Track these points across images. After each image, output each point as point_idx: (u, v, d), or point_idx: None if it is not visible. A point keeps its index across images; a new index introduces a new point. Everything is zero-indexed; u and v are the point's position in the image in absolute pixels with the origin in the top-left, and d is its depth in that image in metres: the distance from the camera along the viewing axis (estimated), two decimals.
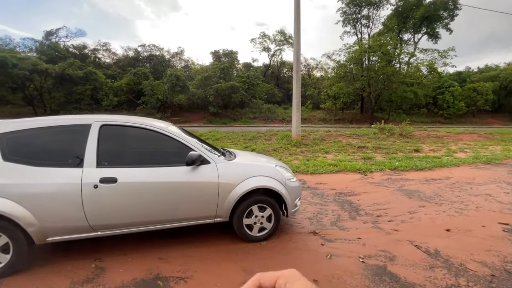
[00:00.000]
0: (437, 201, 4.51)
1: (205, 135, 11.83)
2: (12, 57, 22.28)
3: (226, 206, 2.90)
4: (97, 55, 35.76)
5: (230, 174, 2.92)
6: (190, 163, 2.68)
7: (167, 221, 2.79)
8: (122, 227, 2.67)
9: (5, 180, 2.34)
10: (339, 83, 25.00)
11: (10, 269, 2.39)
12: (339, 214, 3.91)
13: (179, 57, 36.80)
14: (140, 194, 2.63)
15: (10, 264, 2.38)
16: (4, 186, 2.32)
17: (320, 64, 34.73)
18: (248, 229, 3.05)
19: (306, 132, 13.15)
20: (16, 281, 2.33)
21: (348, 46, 24.89)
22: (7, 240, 2.35)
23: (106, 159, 2.62)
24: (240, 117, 25.44)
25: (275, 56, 35.64)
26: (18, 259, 2.40)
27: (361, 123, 24.19)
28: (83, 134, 2.62)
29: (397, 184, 5.55)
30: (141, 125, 2.80)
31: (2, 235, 2.34)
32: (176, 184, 2.72)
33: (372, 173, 6.54)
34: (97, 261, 2.66)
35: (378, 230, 3.40)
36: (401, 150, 9.66)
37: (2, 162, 2.37)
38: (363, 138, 12.09)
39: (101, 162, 2.59)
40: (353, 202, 4.44)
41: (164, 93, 23.63)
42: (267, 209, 3.07)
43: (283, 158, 8.10)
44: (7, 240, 2.35)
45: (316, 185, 5.46)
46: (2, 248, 2.36)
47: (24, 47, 33.67)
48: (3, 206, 2.28)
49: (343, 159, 7.89)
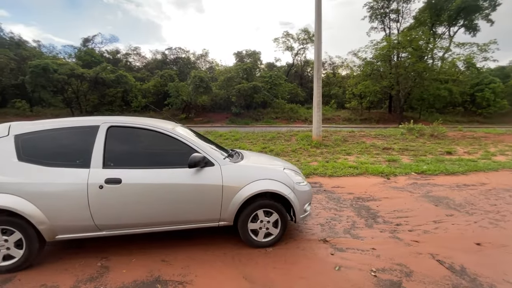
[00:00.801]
0: (468, 210, 4.06)
1: (224, 135, 11.90)
2: (53, 63, 24.25)
3: (230, 209, 2.82)
4: (128, 59, 37.77)
5: (235, 177, 2.84)
6: (192, 165, 2.64)
7: (171, 223, 2.78)
8: (127, 228, 2.70)
9: (19, 179, 2.46)
10: (365, 81, 23.96)
11: (23, 264, 2.52)
12: (354, 221, 3.67)
13: (204, 59, 37.66)
14: (144, 196, 2.64)
15: (24, 259, 2.51)
16: (18, 185, 2.44)
17: (346, 62, 33.65)
18: (253, 234, 2.95)
19: (328, 132, 12.72)
20: (27, 276, 2.44)
21: (375, 42, 23.79)
22: (21, 236, 2.47)
23: (112, 160, 2.67)
24: (262, 117, 25.40)
25: (298, 55, 35.15)
26: (30, 255, 2.52)
27: (389, 123, 22.97)
28: (91, 135, 2.69)
29: (423, 189, 5.11)
30: (147, 126, 2.82)
31: (16, 232, 2.46)
32: (179, 186, 2.69)
33: (396, 177, 6.10)
34: (104, 260, 2.72)
35: (396, 240, 3.12)
36: (431, 152, 8.96)
37: (17, 162, 2.50)
38: (389, 139, 11.41)
39: (107, 163, 2.64)
40: (372, 208, 4.15)
41: (189, 94, 24.28)
42: (274, 214, 2.95)
43: (302, 160, 7.88)
44: (20, 236, 2.47)
45: (333, 189, 5.20)
46: (16, 244, 2.48)
47: (64, 54, 36.64)
48: (18, 205, 2.40)
49: (365, 161, 7.48)
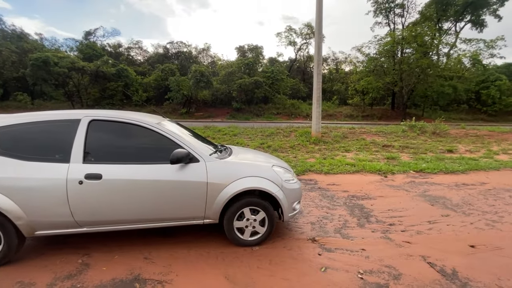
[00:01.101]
0: (465, 211, 3.95)
1: (223, 131, 11.81)
2: (53, 56, 24.16)
3: (215, 207, 2.74)
4: (130, 53, 37.61)
5: (220, 174, 2.75)
6: (175, 161, 2.55)
7: (153, 220, 2.70)
8: (108, 225, 2.63)
9: None
10: (368, 77, 23.64)
11: (2, 260, 2.46)
12: (346, 220, 3.57)
13: (206, 53, 37.39)
14: (125, 192, 2.56)
15: (2, 255, 2.45)
16: None
17: (349, 58, 33.20)
18: (239, 232, 2.87)
19: (328, 128, 12.58)
20: (3, 272, 2.39)
21: (379, 37, 23.39)
22: None
23: (93, 155, 2.59)
24: (263, 113, 25.25)
25: (301, 51, 34.78)
26: (9, 251, 2.46)
27: (391, 120, 22.71)
28: (72, 129, 2.61)
29: (420, 188, 4.99)
30: (130, 120, 2.72)
31: None
32: (162, 182, 2.61)
33: (393, 175, 5.99)
34: (85, 257, 2.66)
35: (387, 241, 3.03)
36: (432, 150, 8.80)
37: None
38: (389, 136, 11.25)
39: (88, 158, 2.56)
40: (365, 207, 4.05)
41: (189, 89, 24.14)
42: (260, 212, 2.86)
43: (299, 156, 7.78)
44: None
45: (328, 186, 5.11)
46: None
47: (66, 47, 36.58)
48: None
49: (363, 159, 7.36)
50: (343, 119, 23.92)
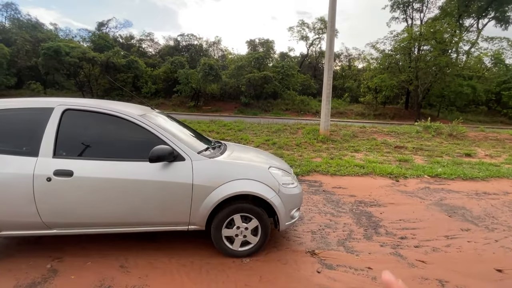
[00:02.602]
0: (488, 225, 3.49)
1: (228, 125, 11.49)
2: (65, 45, 24.31)
3: (201, 212, 2.41)
4: (142, 45, 37.61)
5: (208, 175, 2.41)
6: (154, 159, 2.22)
7: (131, 224, 2.40)
8: (80, 227, 2.34)
9: None
10: (381, 75, 22.75)
11: None
12: (351, 230, 3.19)
13: (216, 46, 37.00)
14: (99, 192, 2.26)
15: None
16: None
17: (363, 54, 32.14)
18: (228, 241, 2.54)
19: (337, 127, 12.08)
20: None
21: (396, 33, 22.42)
22: None
23: (65, 148, 2.30)
24: (271, 108, 24.77)
25: (313, 46, 33.91)
26: None
27: (404, 120, 21.86)
28: (43, 119, 2.32)
29: (436, 196, 4.54)
30: (108, 111, 2.41)
31: None
32: (140, 182, 2.30)
33: (406, 179, 5.52)
34: (56, 261, 2.40)
35: (398, 258, 2.64)
36: (448, 154, 8.22)
37: None
38: (402, 136, 10.66)
39: (59, 152, 2.27)
40: (374, 216, 3.65)
41: (198, 82, 23.88)
42: (253, 220, 2.52)
43: (305, 155, 7.38)
44: None
45: (334, 189, 4.71)
46: None
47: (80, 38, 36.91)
48: None
49: (373, 160, 6.90)
50: (354, 118, 23.19)
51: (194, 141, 2.87)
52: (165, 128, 2.54)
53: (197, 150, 2.56)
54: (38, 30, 31.13)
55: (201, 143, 2.88)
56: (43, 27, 34.02)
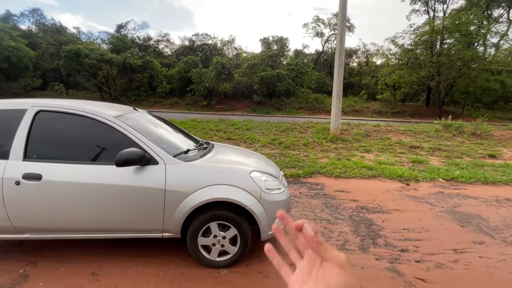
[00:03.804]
0: (506, 237, 3.09)
1: (237, 125, 11.35)
2: (85, 48, 25.28)
3: (175, 219, 2.27)
4: (159, 45, 38.42)
5: (182, 180, 2.26)
6: (121, 163, 2.10)
7: (103, 231, 2.30)
8: (51, 232, 2.27)
9: None
10: (400, 71, 21.69)
11: None
12: (346, 240, 2.93)
13: (230, 45, 37.07)
14: (68, 197, 2.18)
15: None
16: None
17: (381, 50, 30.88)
18: (205, 250, 2.38)
19: (349, 125, 11.61)
20: None
21: (416, 27, 21.27)
22: None
23: (36, 151, 2.23)
24: (284, 107, 24.42)
25: (328, 42, 33.08)
26: None
27: (425, 118, 20.74)
28: (15, 120, 2.26)
29: (449, 202, 4.13)
30: (81, 112, 2.32)
31: None
32: (111, 187, 2.19)
33: (417, 182, 5.11)
34: (30, 266, 2.34)
35: (393, 275, 2.36)
36: (469, 154, 7.60)
37: None
38: (419, 136, 10.03)
39: (30, 155, 2.21)
40: (375, 223, 3.35)
41: (211, 81, 23.98)
42: (231, 228, 2.34)
43: (311, 155, 7.08)
44: None
45: (335, 193, 4.43)
46: None
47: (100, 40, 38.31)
48: None
49: (384, 161, 6.49)
50: (371, 116, 22.34)
51: (175, 143, 2.74)
52: (141, 130, 2.41)
53: (173, 153, 2.41)
54: (61, 34, 32.61)
55: (182, 145, 2.73)
56: (67, 30, 35.59)
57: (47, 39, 29.93)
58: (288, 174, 5.28)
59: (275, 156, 6.93)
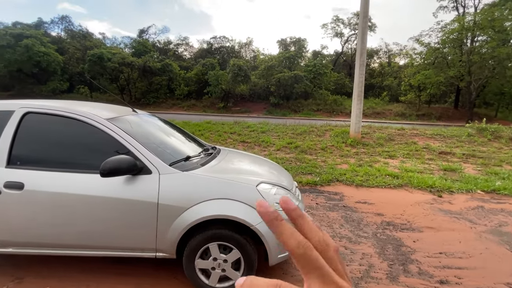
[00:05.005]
0: None
1: (252, 127, 11.06)
2: (108, 52, 26.19)
3: (169, 238, 1.96)
4: (179, 49, 39.15)
5: (177, 192, 1.96)
6: (106, 173, 1.82)
7: (90, 248, 2.04)
8: (34, 247, 2.05)
9: None
10: (426, 71, 20.46)
11: None
12: (371, 265, 2.49)
13: (248, 47, 37.02)
14: (51, 209, 1.95)
15: None
16: None
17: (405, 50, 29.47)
18: (203, 275, 2.05)
19: (371, 128, 10.97)
20: None
21: (444, 24, 20.01)
22: None
23: (20, 157, 2.02)
24: (302, 109, 23.85)
25: (348, 43, 32.10)
26: None
27: (453, 121, 19.40)
28: (2, 123, 2.07)
29: (493, 220, 3.54)
30: (71, 114, 2.09)
31: None
32: (96, 199, 1.93)
33: (452, 194, 4.52)
34: (15, 282, 2.14)
35: None
36: (510, 162, 6.78)
37: None
38: (450, 140, 9.20)
39: (14, 161, 2.00)
40: (404, 244, 2.88)
41: (227, 83, 23.94)
42: (233, 250, 2.00)
43: (329, 161, 6.61)
44: None
45: (357, 205, 3.97)
46: None
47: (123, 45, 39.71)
48: None
49: (411, 169, 5.89)
50: (393, 118, 21.23)
51: (176, 149, 2.46)
52: (136, 135, 2.15)
53: (171, 160, 2.12)
54: (87, 39, 34.08)
55: (183, 152, 2.44)
56: (93, 36, 37.19)
57: (74, 44, 31.37)
58: (304, 182, 4.87)
59: (290, 160, 6.53)
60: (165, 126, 2.90)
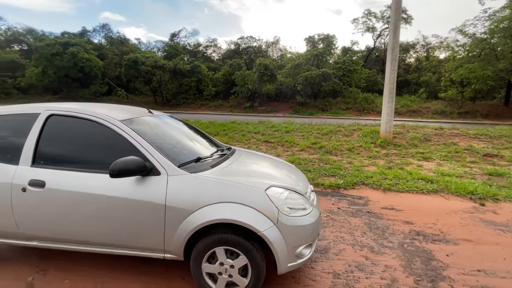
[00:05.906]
0: None
1: (276, 127, 10.92)
2: (142, 56, 27.71)
3: (176, 240, 1.95)
4: (207, 51, 40.20)
5: (185, 194, 1.94)
6: (115, 174, 1.85)
7: (105, 245, 2.10)
8: (55, 242, 2.16)
9: None
10: (470, 64, 18.62)
11: None
12: (394, 279, 2.27)
13: (275, 46, 36.82)
14: (68, 206, 2.04)
15: None
16: None
17: (446, 42, 27.12)
18: (210, 279, 2.01)
19: (404, 128, 10.25)
20: None
21: (492, 12, 18.05)
22: None
23: (44, 156, 2.15)
24: (330, 108, 23.10)
25: (381, 37, 30.39)
26: None
27: (503, 119, 17.43)
28: (28, 125, 2.23)
29: None
30: (87, 115, 2.18)
31: None
32: (108, 199, 1.98)
33: (497, 202, 4.00)
34: (40, 274, 2.29)
35: None
36: None
37: None
38: (497, 141, 8.24)
39: (38, 161, 2.14)
40: (435, 258, 2.58)
41: (254, 83, 24.01)
42: (240, 256, 1.92)
43: (355, 162, 6.27)
44: None
45: (383, 211, 3.68)
46: None
47: (156, 49, 41.79)
48: None
49: (448, 173, 5.35)
50: (431, 117, 19.66)
51: (188, 150, 2.47)
52: (148, 136, 2.18)
53: (180, 162, 2.11)
54: (124, 45, 36.38)
55: (195, 153, 2.43)
56: (129, 42, 39.63)
57: (112, 50, 33.65)
58: (326, 184, 4.65)
59: (313, 161, 6.31)
60: (180, 127, 2.93)
